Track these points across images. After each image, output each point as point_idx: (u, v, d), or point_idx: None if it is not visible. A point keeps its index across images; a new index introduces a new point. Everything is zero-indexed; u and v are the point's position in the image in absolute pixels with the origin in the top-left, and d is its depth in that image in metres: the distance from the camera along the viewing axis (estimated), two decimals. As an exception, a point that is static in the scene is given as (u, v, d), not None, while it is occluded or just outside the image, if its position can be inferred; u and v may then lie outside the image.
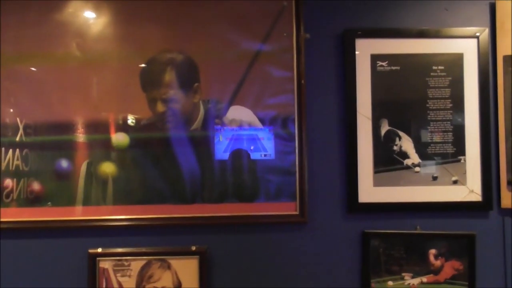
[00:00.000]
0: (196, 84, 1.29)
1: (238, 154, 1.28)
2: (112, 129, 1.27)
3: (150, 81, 1.28)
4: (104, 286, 1.25)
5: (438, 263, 1.25)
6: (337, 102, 1.29)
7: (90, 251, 1.25)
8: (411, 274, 1.25)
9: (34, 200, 1.26)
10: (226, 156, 1.27)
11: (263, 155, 1.29)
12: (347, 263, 1.26)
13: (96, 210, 1.26)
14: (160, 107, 1.28)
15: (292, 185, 1.27)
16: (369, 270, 1.25)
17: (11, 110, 1.27)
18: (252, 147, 1.28)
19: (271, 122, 1.28)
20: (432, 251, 1.25)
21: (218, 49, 1.29)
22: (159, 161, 1.27)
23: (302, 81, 1.27)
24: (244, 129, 1.29)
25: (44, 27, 1.29)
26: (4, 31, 1.28)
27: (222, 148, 1.28)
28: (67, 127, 1.27)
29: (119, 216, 1.26)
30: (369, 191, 1.26)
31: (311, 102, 1.28)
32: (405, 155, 1.27)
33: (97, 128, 1.27)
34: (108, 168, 1.27)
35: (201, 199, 1.27)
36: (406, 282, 1.25)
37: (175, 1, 1.30)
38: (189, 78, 1.29)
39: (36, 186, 1.27)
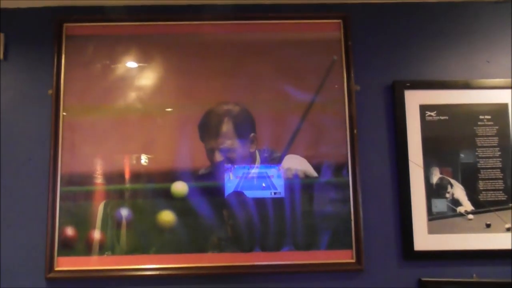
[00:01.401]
0: (252, 134, 1.34)
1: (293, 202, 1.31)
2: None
3: (208, 132, 1.34)
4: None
5: (496, 311, 1.25)
6: (388, 151, 1.34)
7: (149, 300, 1.26)
8: (471, 322, 1.25)
9: (93, 249, 1.28)
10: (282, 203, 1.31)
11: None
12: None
13: (155, 258, 1.27)
14: (218, 157, 1.33)
15: (348, 233, 1.29)
16: (428, 319, 1.25)
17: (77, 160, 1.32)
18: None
19: (325, 170, 1.32)
20: (490, 299, 1.25)
21: (273, 101, 1.36)
22: (216, 208, 1.30)
23: (355, 131, 1.32)
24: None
25: (107, 81, 1.36)
26: (71, 84, 1.35)
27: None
28: (126, 176, 1.32)
29: (178, 264, 1.27)
30: (424, 238, 1.28)
31: (363, 151, 1.33)
32: (457, 203, 1.30)
33: (157, 177, 1.32)
34: (167, 216, 1.30)
35: (259, 247, 1.29)
36: (466, 331, 1.25)
37: (232, 56, 1.37)
38: (245, 128, 1.34)
39: (96, 234, 1.29)
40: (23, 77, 1.37)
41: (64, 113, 1.33)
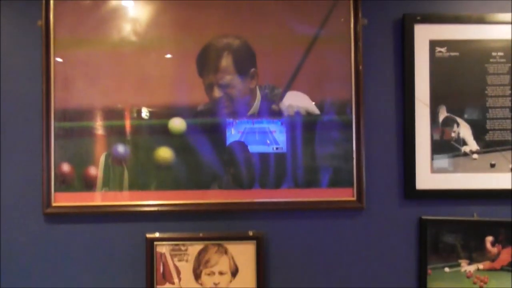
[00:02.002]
0: (252, 70, 1.28)
1: (294, 142, 1.28)
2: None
3: (206, 67, 1.28)
4: (161, 270, 1.26)
5: (494, 250, 1.25)
6: (395, 89, 1.28)
7: (148, 235, 1.26)
8: (468, 261, 1.25)
9: (90, 185, 1.27)
10: (283, 142, 1.28)
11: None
12: (404, 249, 1.27)
13: (154, 194, 1.26)
14: (217, 93, 1.28)
15: (350, 171, 1.27)
16: (426, 256, 1.25)
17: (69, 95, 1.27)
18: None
19: (328, 107, 1.28)
20: (489, 238, 1.25)
21: (275, 34, 1.28)
22: (216, 145, 1.27)
23: (360, 67, 1.26)
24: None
25: (99, 13, 1.28)
26: (62, 16, 1.27)
27: (281, 136, 1.28)
28: (122, 112, 1.27)
29: (176, 201, 1.26)
30: (427, 177, 1.26)
31: (369, 88, 1.28)
32: (463, 142, 1.26)
33: (154, 113, 1.27)
34: (164, 153, 1.27)
35: (259, 184, 1.27)
36: (463, 269, 1.25)
37: (231, -15, 1.29)
38: (246, 63, 1.28)
39: (92, 171, 1.27)
40: (11, 9, 1.29)
41: (56, 46, 1.27)
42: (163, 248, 1.26)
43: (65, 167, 1.27)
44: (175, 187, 1.27)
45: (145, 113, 1.27)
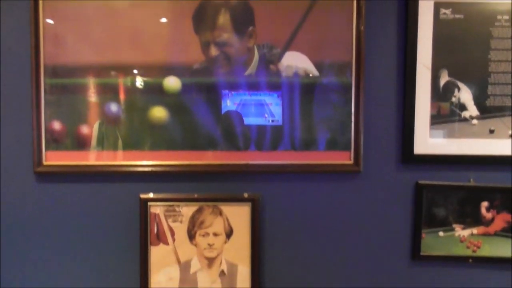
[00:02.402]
0: (250, 28, 1.23)
1: (291, 104, 1.25)
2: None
3: (203, 24, 1.23)
4: (155, 231, 1.25)
5: (489, 215, 1.25)
6: (396, 51, 1.25)
7: (142, 196, 1.24)
8: (462, 226, 1.26)
9: (82, 144, 1.24)
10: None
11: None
12: (399, 213, 1.26)
13: (148, 155, 1.24)
14: (213, 51, 1.23)
15: (347, 134, 1.25)
16: (421, 221, 1.25)
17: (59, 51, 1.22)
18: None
19: (327, 69, 1.25)
20: (484, 204, 1.25)
21: (275, -9, 1.23)
22: (212, 107, 1.24)
23: (362, 28, 1.22)
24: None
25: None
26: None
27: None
28: (116, 70, 1.23)
29: (171, 161, 1.24)
30: (425, 142, 1.24)
31: (370, 50, 1.24)
32: (463, 107, 1.24)
33: (148, 71, 1.23)
34: (159, 112, 1.24)
35: (255, 146, 1.25)
36: (457, 233, 1.26)
37: None
38: (243, 21, 1.23)
39: (85, 129, 1.24)
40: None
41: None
42: (157, 209, 1.25)
43: (56, 125, 1.23)
44: (170, 148, 1.24)
45: (138, 71, 1.23)
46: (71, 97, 1.23)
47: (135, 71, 1.23)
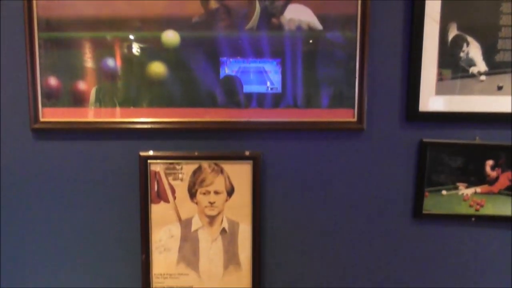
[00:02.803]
0: (252, -22, 1.18)
1: (294, 59, 1.21)
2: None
3: (202, -27, 1.18)
4: (156, 189, 1.24)
5: (494, 174, 1.24)
6: (403, 3, 1.20)
7: (141, 154, 1.22)
8: (466, 184, 1.24)
9: (79, 100, 1.21)
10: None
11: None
12: (403, 172, 1.25)
13: (147, 112, 1.21)
14: (213, 3, 1.19)
15: (351, 91, 1.21)
16: (424, 179, 1.24)
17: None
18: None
19: (331, 23, 1.20)
20: (489, 162, 1.23)
21: None
22: (211, 62, 1.20)
23: (368, -22, 1.17)
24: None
25: None
26: None
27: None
28: (112, 23, 1.19)
29: (170, 118, 1.21)
30: (431, 99, 1.21)
31: (376, 3, 1.19)
32: (471, 63, 1.20)
33: (146, 24, 1.19)
34: (157, 68, 1.20)
35: (257, 103, 1.22)
36: (460, 192, 1.25)
37: None
38: (244, -29, 1.18)
39: (81, 85, 1.21)
40: None
41: None
42: (157, 167, 1.24)
43: (52, 81, 1.20)
44: (169, 105, 1.21)
45: (136, 24, 1.18)
46: (67, 52, 1.19)
47: (133, 24, 1.18)
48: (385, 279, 1.30)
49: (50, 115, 1.21)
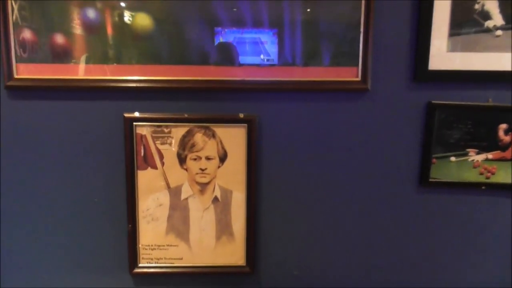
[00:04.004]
0: None
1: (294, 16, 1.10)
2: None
3: None
4: (142, 154, 1.15)
5: (507, 138, 1.15)
6: (414, -51, 1.09)
7: (126, 115, 1.12)
8: (477, 150, 1.16)
9: (57, 56, 1.10)
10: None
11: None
12: (409, 136, 1.16)
13: (132, 69, 1.11)
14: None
15: (355, 48, 1.11)
16: (432, 144, 1.15)
17: None
18: (262, 56, 1.12)
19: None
20: (502, 126, 1.14)
21: None
22: (201, 14, 1.10)
23: None
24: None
25: None
26: None
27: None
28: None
29: (158, 76, 1.11)
30: (441, 57, 1.11)
31: None
32: (486, 16, 1.10)
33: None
34: (143, 20, 1.09)
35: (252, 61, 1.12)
36: (470, 158, 1.16)
37: None
38: None
39: (59, 39, 1.10)
40: None
41: None
42: (143, 130, 1.14)
43: (27, 34, 1.09)
44: (156, 61, 1.11)
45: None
46: (42, 1, 1.08)
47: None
48: (387, 249, 1.22)
49: (25, 71, 1.10)
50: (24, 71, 1.10)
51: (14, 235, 1.18)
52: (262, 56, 1.12)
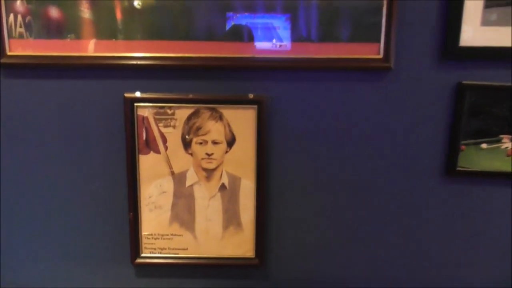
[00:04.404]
0: None
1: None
2: None
3: None
4: (144, 137, 1.07)
5: (545, 124, 1.04)
6: None
7: (126, 95, 1.04)
8: (511, 137, 1.05)
9: (52, 31, 1.02)
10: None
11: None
12: (436, 120, 1.05)
13: (132, 45, 1.02)
14: None
15: (378, 22, 1.00)
16: (461, 129, 1.04)
17: None
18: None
19: None
20: (541, 110, 1.03)
21: None
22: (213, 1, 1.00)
23: None
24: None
25: None
26: None
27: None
28: None
29: (160, 53, 1.02)
30: (475, 32, 0.99)
31: None
32: (527, -15, 0.98)
33: None
34: (144, -9, 1.00)
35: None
36: (504, 146, 1.05)
37: None
38: None
39: (54, 12, 1.01)
40: None
41: None
42: (145, 111, 1.05)
43: (20, 7, 1.01)
44: (158, 37, 1.01)
45: None
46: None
47: None
48: (410, 244, 1.13)
49: (18, 48, 1.02)
50: (17, 47, 1.02)
51: (11, 224, 1.12)
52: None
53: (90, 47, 1.02)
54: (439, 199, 1.10)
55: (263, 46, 1.02)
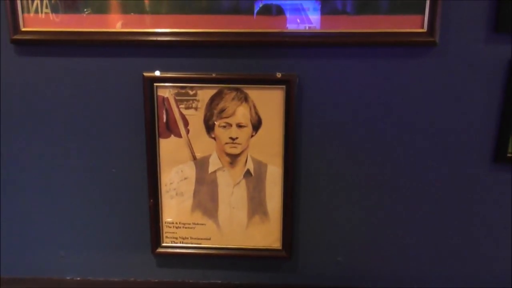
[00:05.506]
0: None
1: None
2: None
3: None
4: (164, 120, 1.00)
5: None
6: None
7: (146, 74, 0.98)
8: None
9: (69, 5, 0.96)
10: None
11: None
12: (486, 101, 0.94)
13: (149, 20, 0.94)
14: None
15: (421, -10, 0.90)
16: (513, 112, 0.94)
17: None
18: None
19: None
20: None
21: None
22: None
23: None
24: None
25: None
26: None
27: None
28: None
29: (181, 29, 0.95)
30: (533, 0, 0.89)
31: None
32: None
33: None
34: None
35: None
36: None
37: None
38: None
39: (70, -15, 0.95)
40: None
41: None
42: (165, 92, 0.99)
43: (33, -21, 0.95)
44: (179, 10, 0.94)
45: None
46: None
47: None
48: (451, 238, 1.04)
49: (32, 23, 0.96)
50: (31, 23, 0.96)
51: (30, 210, 1.08)
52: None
53: (117, 25, 0.95)
54: (487, 187, 1.00)
55: (291, 25, 0.94)
